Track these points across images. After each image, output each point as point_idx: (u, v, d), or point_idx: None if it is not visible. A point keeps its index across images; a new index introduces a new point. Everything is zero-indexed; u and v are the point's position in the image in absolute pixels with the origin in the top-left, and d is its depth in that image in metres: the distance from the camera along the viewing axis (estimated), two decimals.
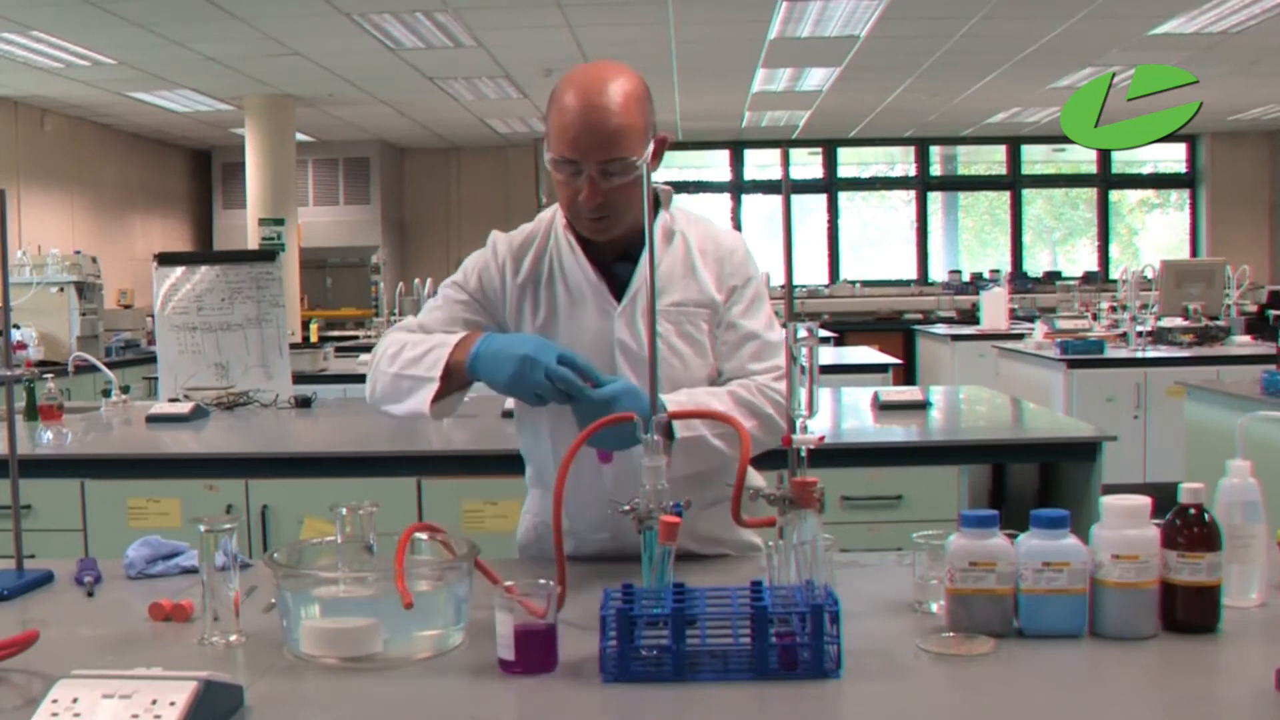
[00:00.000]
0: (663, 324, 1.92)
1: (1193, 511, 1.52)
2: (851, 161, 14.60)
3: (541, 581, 1.44)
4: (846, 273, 14.18)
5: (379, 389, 1.94)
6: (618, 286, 1.97)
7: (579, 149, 1.83)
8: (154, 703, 1.21)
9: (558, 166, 1.87)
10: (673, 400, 1.83)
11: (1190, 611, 1.51)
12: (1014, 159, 14.25)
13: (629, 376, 1.89)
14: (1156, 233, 14.82)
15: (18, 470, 1.98)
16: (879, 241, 14.66)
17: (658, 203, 2.02)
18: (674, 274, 1.97)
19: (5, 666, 1.44)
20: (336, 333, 10.13)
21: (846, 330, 11.31)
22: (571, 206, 1.90)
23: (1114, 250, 14.37)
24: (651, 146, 1.90)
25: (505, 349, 1.76)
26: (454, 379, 1.85)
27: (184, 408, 4.18)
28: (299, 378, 5.17)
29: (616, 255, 1.98)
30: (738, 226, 13.89)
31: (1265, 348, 7.05)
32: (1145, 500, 1.52)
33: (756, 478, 1.98)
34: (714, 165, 14.41)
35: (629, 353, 1.94)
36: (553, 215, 2.04)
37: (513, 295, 1.99)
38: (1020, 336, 8.55)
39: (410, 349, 1.90)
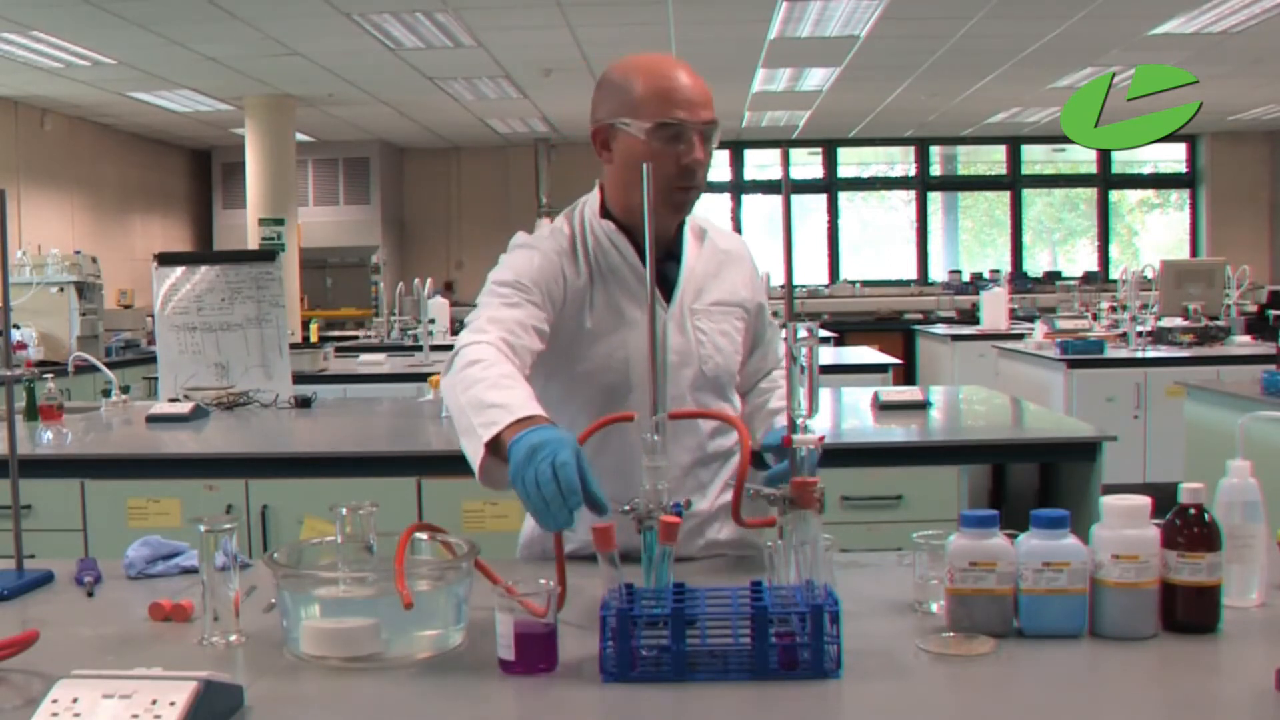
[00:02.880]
0: (705, 322, 1.99)
1: (1193, 511, 1.52)
2: (851, 161, 14.60)
3: (541, 581, 1.44)
4: (846, 273, 14.18)
5: (451, 410, 1.78)
6: (664, 288, 1.97)
7: (688, 107, 1.87)
8: (154, 703, 1.21)
9: (658, 133, 1.87)
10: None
11: (1190, 611, 1.51)
12: (1014, 159, 14.25)
13: (682, 377, 1.96)
14: (1156, 233, 14.81)
15: (18, 470, 1.98)
16: (879, 241, 14.66)
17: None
18: (709, 274, 2.02)
19: (5, 666, 1.44)
20: (336, 333, 10.13)
21: (846, 330, 11.31)
22: (665, 179, 1.88)
23: (1114, 250, 14.37)
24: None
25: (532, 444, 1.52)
26: (499, 450, 1.63)
27: (184, 408, 4.18)
28: (299, 378, 5.18)
29: (660, 254, 1.97)
30: (738, 226, 13.89)
31: (1265, 348, 7.05)
32: (1145, 500, 1.52)
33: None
34: (714, 165, 14.36)
35: (681, 354, 1.98)
36: (579, 216, 2.02)
37: (573, 297, 1.95)
38: (1020, 336, 8.55)
39: (481, 387, 1.70)
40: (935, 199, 14.55)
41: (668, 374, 1.91)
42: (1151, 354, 7.06)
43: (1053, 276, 13.50)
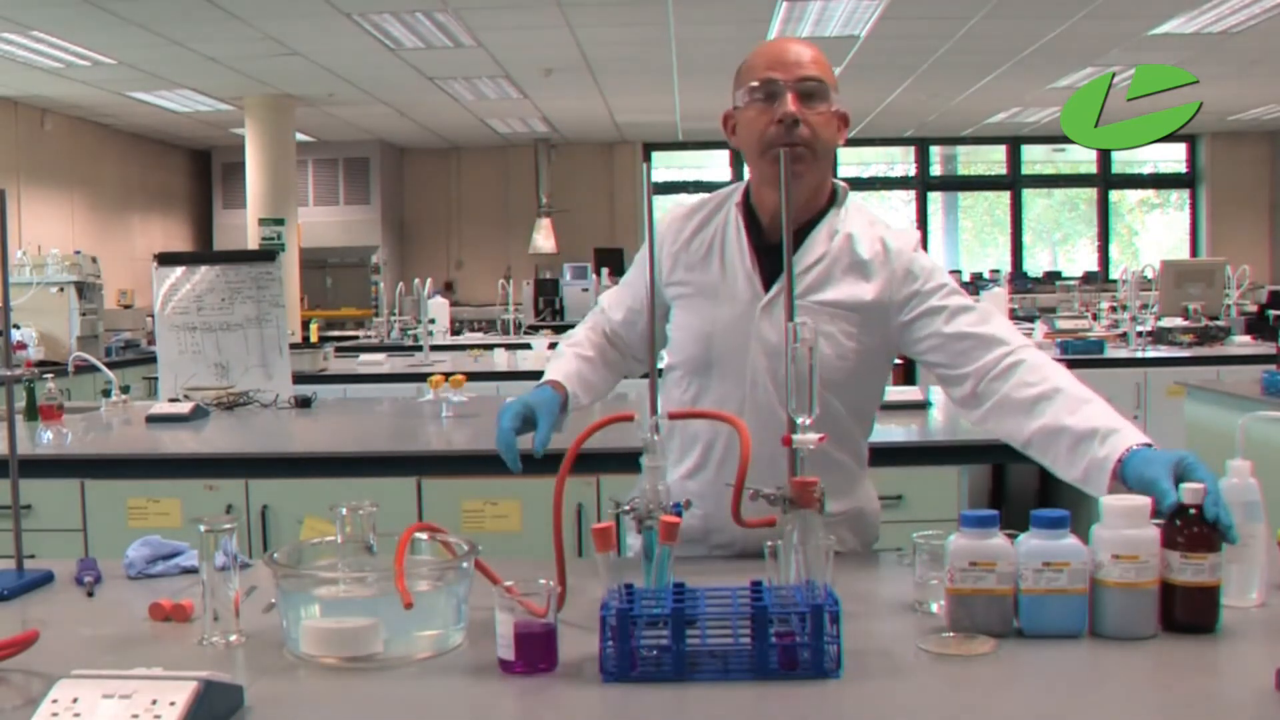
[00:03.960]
0: (805, 318, 1.92)
1: (1193, 511, 1.52)
2: (851, 161, 14.60)
3: (541, 581, 1.44)
4: None
5: None
6: (771, 276, 1.95)
7: (780, 66, 1.90)
8: (154, 703, 1.21)
9: (753, 96, 1.91)
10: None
11: (1190, 612, 1.51)
12: (1014, 159, 14.26)
13: (760, 366, 1.93)
14: (1156, 233, 14.82)
15: (18, 470, 1.98)
16: None
17: (835, 195, 2.02)
18: (830, 273, 1.95)
19: (5, 666, 1.44)
20: (336, 333, 10.14)
21: None
22: (763, 140, 1.90)
23: (1114, 250, 14.38)
24: (838, 107, 1.94)
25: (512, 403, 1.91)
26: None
27: (184, 408, 4.18)
28: (299, 378, 5.17)
29: (779, 240, 1.94)
30: None
31: (1265, 348, 7.05)
32: (1145, 500, 1.52)
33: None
34: (714, 165, 14.42)
35: (767, 345, 1.93)
36: (730, 191, 2.05)
37: (667, 263, 2.02)
38: None
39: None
40: (935, 199, 14.56)
41: (749, 360, 1.94)
42: (1151, 354, 7.05)
43: (1053, 276, 13.50)
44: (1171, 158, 14.31)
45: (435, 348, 7.20)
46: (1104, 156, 14.09)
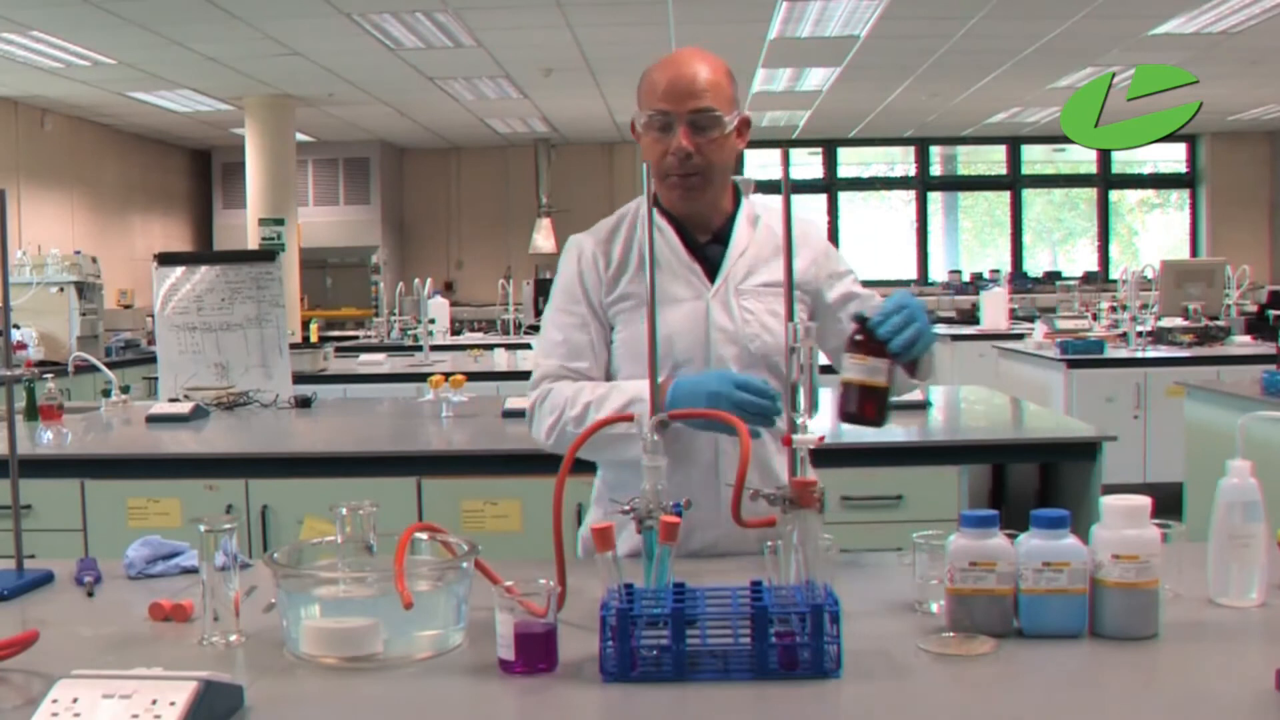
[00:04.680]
0: (754, 302, 2.04)
1: (870, 324, 1.74)
2: (851, 161, 14.60)
3: (541, 581, 1.44)
4: None
5: (568, 441, 1.85)
6: (710, 269, 2.05)
7: (671, 98, 1.94)
8: (154, 703, 1.21)
9: (650, 124, 1.97)
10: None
11: (856, 404, 1.74)
12: (1014, 159, 14.25)
13: (726, 354, 2.00)
14: (1156, 233, 14.82)
15: (18, 470, 1.98)
16: (879, 241, 14.66)
17: (738, 191, 2.13)
18: (761, 256, 2.06)
19: (5, 666, 1.44)
20: (336, 333, 10.14)
21: None
22: (661, 167, 1.98)
23: (1114, 250, 14.37)
24: (738, 119, 2.01)
25: (695, 389, 1.85)
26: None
27: (184, 408, 4.18)
28: (299, 378, 5.18)
29: (707, 238, 2.07)
30: None
31: (1265, 348, 7.05)
32: (1145, 500, 1.52)
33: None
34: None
35: (725, 332, 2.02)
36: (637, 205, 2.11)
37: (607, 286, 2.06)
38: (1020, 336, 8.54)
39: (596, 406, 1.94)
40: (935, 199, 14.55)
41: (712, 351, 2.01)
42: (1151, 354, 7.05)
43: (1053, 276, 13.50)
44: (1171, 158, 14.30)
45: (435, 348, 7.20)
46: (1104, 156, 14.09)
